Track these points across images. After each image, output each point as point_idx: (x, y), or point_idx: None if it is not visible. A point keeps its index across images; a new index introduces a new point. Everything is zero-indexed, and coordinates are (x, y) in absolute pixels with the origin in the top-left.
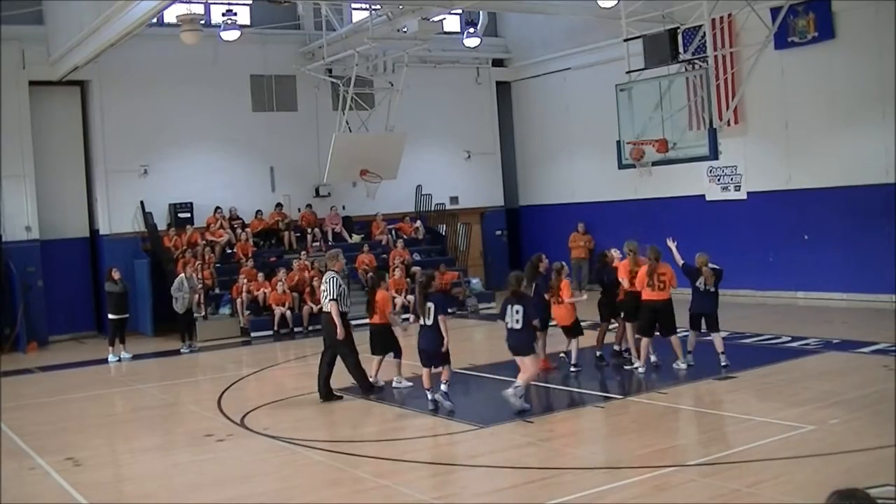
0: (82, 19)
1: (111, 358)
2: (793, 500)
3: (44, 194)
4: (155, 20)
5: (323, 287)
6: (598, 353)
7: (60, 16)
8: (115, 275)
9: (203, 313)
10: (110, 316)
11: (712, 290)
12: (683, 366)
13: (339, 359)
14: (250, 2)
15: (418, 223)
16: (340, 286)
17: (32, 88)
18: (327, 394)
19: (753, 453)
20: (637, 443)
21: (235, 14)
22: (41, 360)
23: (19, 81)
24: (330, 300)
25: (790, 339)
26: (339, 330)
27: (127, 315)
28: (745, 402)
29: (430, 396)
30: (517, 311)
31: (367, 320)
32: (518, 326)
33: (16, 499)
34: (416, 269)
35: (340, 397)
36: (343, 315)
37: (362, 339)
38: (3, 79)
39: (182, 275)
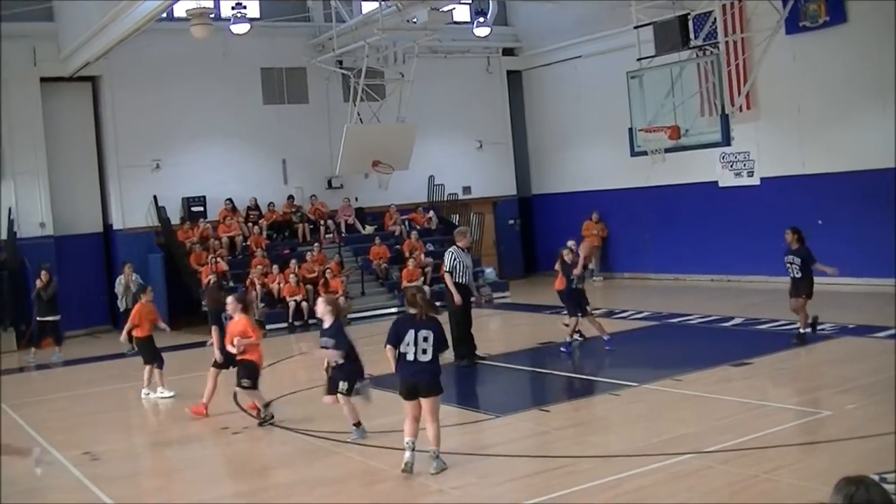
0: (92, 15)
1: (29, 359)
2: (810, 485)
3: (57, 190)
4: (165, 15)
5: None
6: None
7: (70, 12)
8: (44, 277)
9: None
10: (37, 318)
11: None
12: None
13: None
14: None
15: (431, 213)
16: (455, 259)
17: (44, 85)
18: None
19: (770, 439)
20: (653, 430)
21: (245, 7)
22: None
23: (31, 78)
24: (445, 272)
25: None
26: (455, 297)
27: (57, 317)
28: (761, 388)
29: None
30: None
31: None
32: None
33: (34, 493)
34: (428, 260)
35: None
36: (458, 286)
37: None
38: (15, 76)
39: (121, 276)
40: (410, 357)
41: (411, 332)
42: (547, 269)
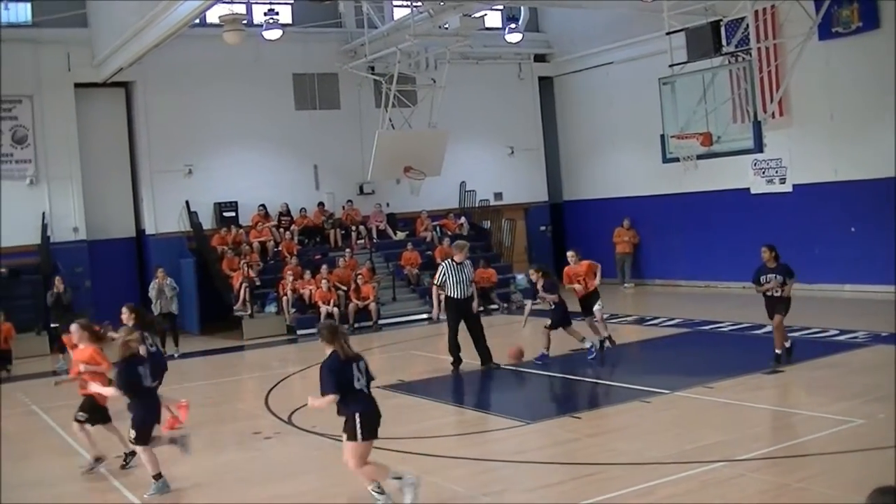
0: (126, 21)
1: (60, 366)
2: (842, 494)
3: (90, 195)
4: (197, 21)
5: None
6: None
7: (104, 18)
8: (58, 284)
9: (249, 311)
10: (52, 324)
11: None
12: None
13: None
14: (292, 1)
15: (462, 220)
16: (444, 274)
17: (78, 90)
18: (484, 360)
19: (802, 448)
20: (685, 438)
21: (277, 13)
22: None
23: (65, 84)
24: (434, 284)
25: (838, 332)
26: (434, 310)
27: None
28: (794, 396)
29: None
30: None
31: None
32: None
33: (65, 496)
34: None
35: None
36: (452, 299)
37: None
38: (49, 82)
39: (155, 280)
40: (366, 390)
41: (353, 367)
42: None
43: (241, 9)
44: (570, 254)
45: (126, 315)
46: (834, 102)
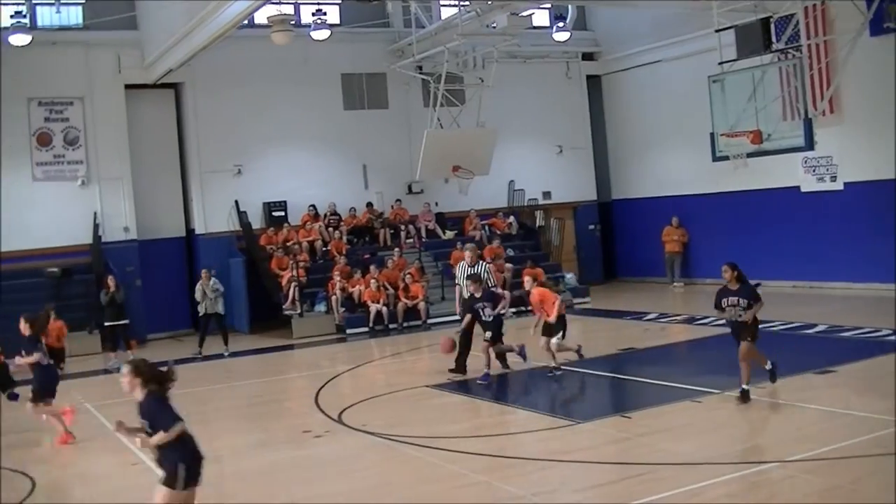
0: (175, 23)
1: (112, 365)
2: (894, 496)
3: (141, 195)
4: (246, 22)
5: None
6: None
7: (154, 21)
8: (111, 284)
9: (298, 310)
10: (108, 323)
11: None
12: None
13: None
14: (340, 1)
15: (511, 219)
16: (457, 271)
17: (128, 92)
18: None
19: (854, 449)
20: (735, 438)
21: (325, 13)
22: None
23: (115, 85)
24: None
25: (891, 331)
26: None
27: (126, 321)
28: (845, 397)
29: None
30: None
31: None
32: None
33: (119, 494)
34: (508, 265)
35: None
36: (463, 299)
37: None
38: (100, 83)
39: (201, 281)
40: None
41: (175, 408)
42: (627, 274)
43: (289, 9)
44: (525, 278)
45: (23, 325)
46: (885, 99)
